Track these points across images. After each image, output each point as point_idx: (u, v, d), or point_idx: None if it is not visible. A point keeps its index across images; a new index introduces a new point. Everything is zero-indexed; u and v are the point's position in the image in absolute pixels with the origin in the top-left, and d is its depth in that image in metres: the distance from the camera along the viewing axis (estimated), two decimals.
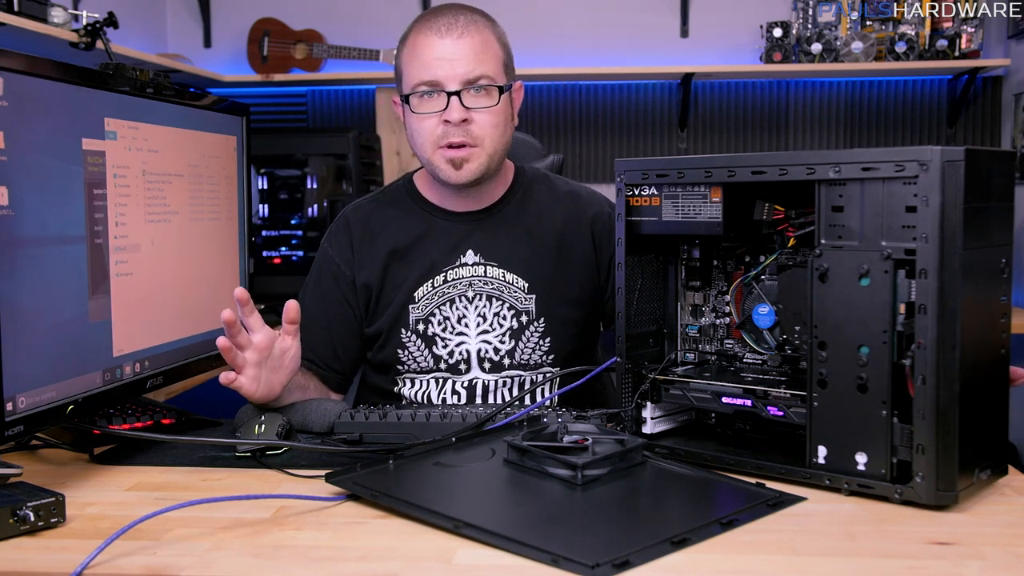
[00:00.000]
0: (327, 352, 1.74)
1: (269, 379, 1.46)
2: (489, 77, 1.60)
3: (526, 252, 1.71)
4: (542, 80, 4.02)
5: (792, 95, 4.05)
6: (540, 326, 1.69)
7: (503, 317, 1.68)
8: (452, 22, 1.60)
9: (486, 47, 1.61)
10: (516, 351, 1.69)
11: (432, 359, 1.69)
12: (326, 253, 1.77)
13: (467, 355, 1.69)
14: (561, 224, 1.74)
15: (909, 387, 1.13)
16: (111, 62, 1.41)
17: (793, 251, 1.32)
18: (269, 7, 4.08)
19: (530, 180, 1.78)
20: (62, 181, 1.27)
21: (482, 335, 1.68)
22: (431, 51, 1.59)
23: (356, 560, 1.01)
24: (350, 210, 1.80)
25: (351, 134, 3.46)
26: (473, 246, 1.70)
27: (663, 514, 1.15)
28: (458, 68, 1.58)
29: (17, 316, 1.18)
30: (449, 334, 1.69)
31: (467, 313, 1.68)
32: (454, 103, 1.58)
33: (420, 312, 1.69)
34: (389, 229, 1.73)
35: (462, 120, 1.58)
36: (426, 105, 1.60)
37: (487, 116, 1.60)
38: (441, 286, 1.69)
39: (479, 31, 1.62)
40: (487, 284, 1.69)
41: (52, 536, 1.09)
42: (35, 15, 2.60)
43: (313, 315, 1.73)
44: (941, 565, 0.98)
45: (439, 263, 1.70)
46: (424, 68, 1.59)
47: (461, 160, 1.61)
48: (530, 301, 1.69)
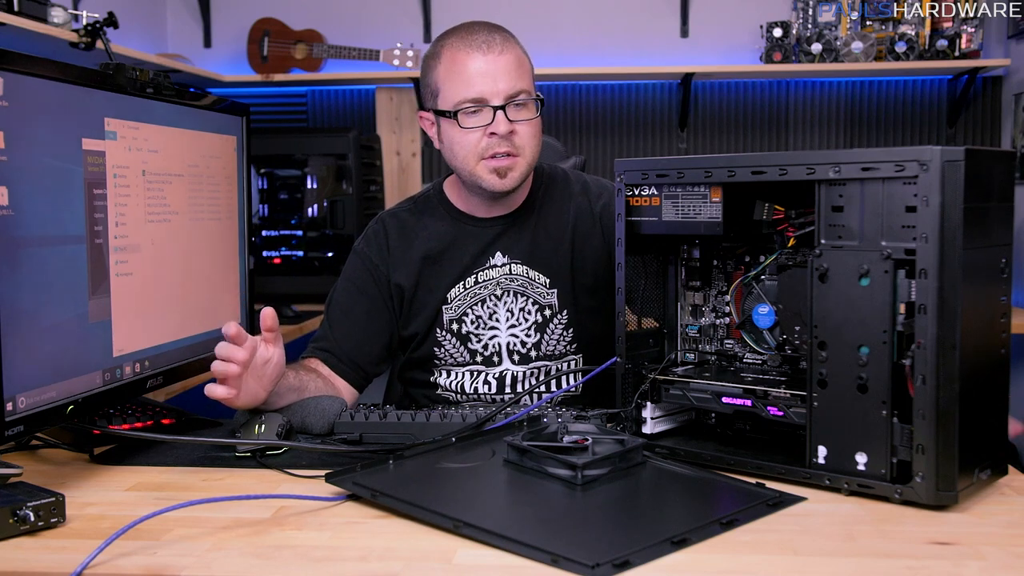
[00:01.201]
0: (354, 348, 1.78)
1: (251, 388, 1.46)
2: (527, 92, 1.69)
3: (547, 249, 1.79)
4: (542, 80, 4.01)
5: (792, 95, 4.05)
6: (563, 318, 1.77)
7: (528, 312, 1.77)
8: (490, 40, 1.68)
9: (520, 63, 1.70)
10: (542, 343, 1.77)
11: (468, 354, 1.78)
12: (363, 254, 1.83)
13: (499, 348, 1.77)
14: (575, 219, 1.81)
15: (909, 387, 1.13)
16: (111, 62, 1.41)
17: (793, 251, 1.32)
18: (269, 7, 4.08)
19: (549, 179, 1.85)
20: (62, 181, 1.27)
21: (510, 329, 1.77)
22: (474, 68, 1.66)
23: (356, 560, 1.01)
24: (386, 216, 1.86)
25: (351, 134, 3.46)
26: (501, 248, 1.78)
27: (663, 514, 1.15)
28: (500, 84, 1.65)
29: (17, 316, 1.18)
30: (482, 330, 1.77)
31: (497, 309, 1.77)
32: (500, 117, 1.65)
33: (454, 312, 1.77)
34: (423, 235, 1.81)
35: (508, 132, 1.66)
36: (472, 120, 1.67)
37: (528, 128, 1.69)
38: (472, 287, 1.77)
39: (513, 48, 1.70)
40: (513, 281, 1.77)
41: (52, 536, 1.09)
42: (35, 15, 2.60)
43: (345, 310, 1.80)
44: (941, 565, 0.98)
45: (470, 267, 1.78)
46: (468, 85, 1.66)
47: (505, 169, 1.68)
48: (552, 295, 1.77)
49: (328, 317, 1.81)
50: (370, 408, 1.50)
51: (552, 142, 2.37)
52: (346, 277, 1.83)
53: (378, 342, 1.79)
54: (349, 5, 4.11)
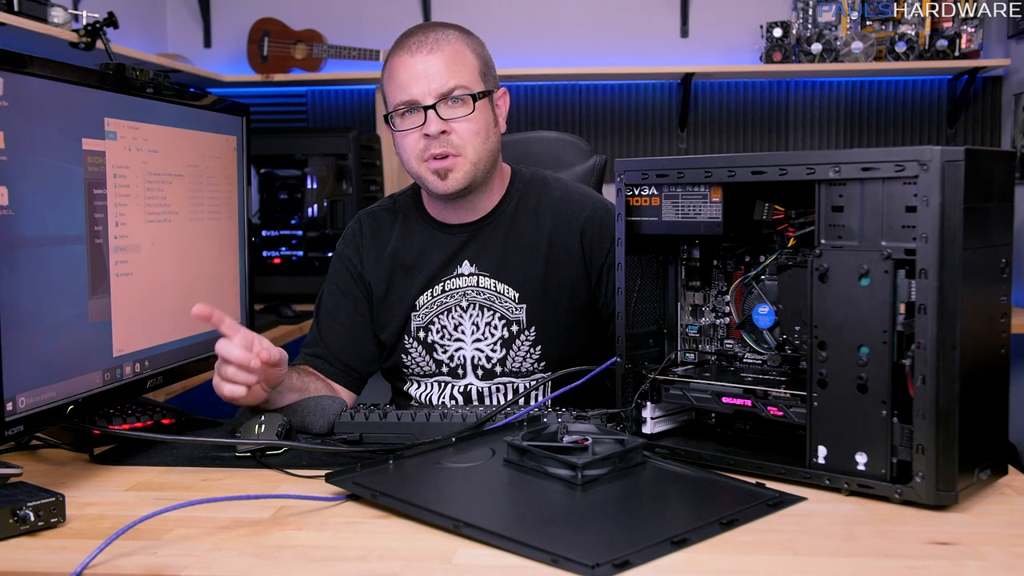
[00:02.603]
0: (345, 349, 1.77)
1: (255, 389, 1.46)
2: (463, 87, 1.63)
3: (517, 261, 1.73)
4: (542, 80, 4.01)
5: (792, 95, 4.05)
6: (531, 335, 1.72)
7: (494, 327, 1.72)
8: (422, 40, 1.65)
9: (457, 58, 1.65)
10: (507, 359, 1.72)
11: (433, 364, 1.75)
12: (343, 254, 1.82)
13: (464, 360, 1.73)
14: (551, 230, 1.75)
15: (909, 387, 1.13)
16: (111, 62, 1.41)
17: (793, 251, 1.32)
18: (269, 7, 4.08)
19: (526, 185, 1.79)
20: (62, 181, 1.27)
21: (476, 343, 1.73)
22: (405, 71, 1.64)
23: (356, 560, 1.01)
24: (364, 215, 1.85)
25: (351, 134, 3.46)
26: (468, 257, 1.74)
27: (663, 514, 1.15)
28: (432, 83, 1.62)
29: (17, 316, 1.18)
30: (447, 341, 1.74)
31: (463, 321, 1.73)
32: (431, 116, 1.62)
33: (420, 320, 1.75)
34: (395, 238, 1.78)
35: (441, 132, 1.62)
36: (407, 122, 1.64)
37: (465, 124, 1.64)
38: (439, 296, 1.74)
39: (449, 43, 1.65)
40: (480, 294, 1.73)
41: (52, 536, 1.09)
42: (35, 15, 2.60)
43: (331, 313, 1.78)
44: (941, 565, 0.98)
45: (438, 274, 1.75)
46: (400, 88, 1.64)
47: (445, 170, 1.64)
48: (521, 311, 1.72)
49: (317, 322, 1.80)
50: (370, 408, 1.50)
51: (576, 141, 2.32)
52: (330, 280, 1.82)
53: (368, 343, 1.79)
54: (349, 5, 4.11)
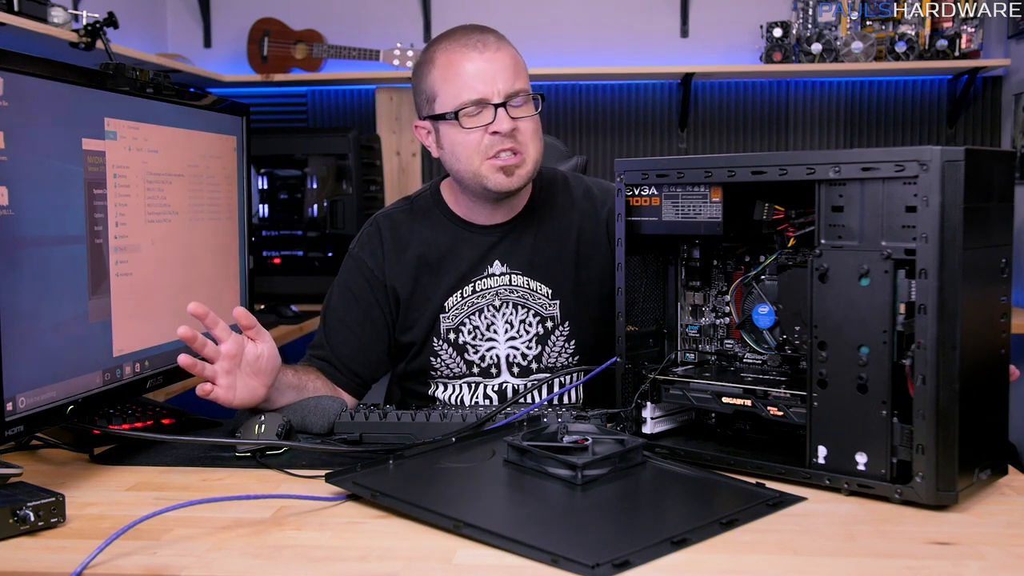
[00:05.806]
0: (351, 355, 1.75)
1: (248, 384, 1.47)
2: (525, 90, 1.67)
3: (548, 258, 1.75)
4: (542, 80, 4.01)
5: (792, 95, 4.05)
6: (565, 330, 1.74)
7: (529, 324, 1.74)
8: (484, 39, 1.66)
9: (516, 62, 1.68)
10: (543, 355, 1.74)
11: (464, 365, 1.75)
12: (358, 258, 1.79)
13: (497, 359, 1.74)
14: (578, 226, 1.78)
15: (909, 387, 1.13)
16: (111, 62, 1.41)
17: (793, 251, 1.32)
18: (269, 7, 4.08)
19: (548, 184, 1.81)
20: (62, 181, 1.27)
21: (510, 341, 1.74)
22: (471, 68, 1.64)
23: (356, 560, 1.01)
24: (381, 217, 1.83)
25: (351, 134, 3.46)
26: (499, 257, 1.75)
27: (663, 514, 1.15)
28: (499, 83, 1.63)
29: (17, 316, 1.18)
30: (479, 341, 1.74)
31: (495, 320, 1.74)
32: (501, 115, 1.63)
33: (451, 322, 1.74)
34: (418, 239, 1.77)
35: (511, 130, 1.63)
36: (474, 120, 1.64)
37: (530, 125, 1.67)
38: (470, 296, 1.74)
39: (507, 47, 1.68)
40: (513, 292, 1.74)
41: (52, 536, 1.09)
42: (35, 15, 2.60)
43: (341, 317, 1.77)
44: (941, 565, 0.98)
45: (468, 275, 1.74)
46: (467, 86, 1.63)
47: (512, 167, 1.65)
48: (555, 307, 1.74)
49: (324, 324, 1.79)
50: (370, 408, 1.50)
51: (554, 142, 2.36)
52: (341, 282, 1.80)
53: (376, 349, 1.77)
54: (349, 5, 4.11)
